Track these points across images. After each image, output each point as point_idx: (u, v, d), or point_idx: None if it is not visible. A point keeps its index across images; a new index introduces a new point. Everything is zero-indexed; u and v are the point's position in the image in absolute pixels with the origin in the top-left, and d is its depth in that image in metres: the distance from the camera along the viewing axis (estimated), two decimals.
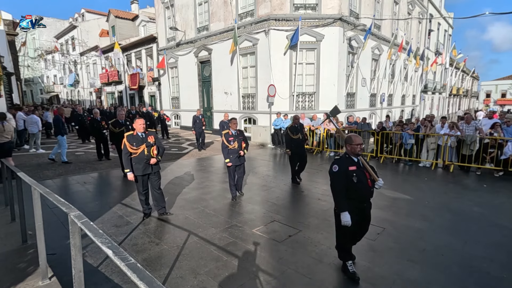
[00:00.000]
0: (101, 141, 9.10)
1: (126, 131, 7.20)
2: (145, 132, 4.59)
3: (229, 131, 5.59)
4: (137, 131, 4.55)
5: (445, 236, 4.24)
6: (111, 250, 1.36)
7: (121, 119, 7.45)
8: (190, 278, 3.18)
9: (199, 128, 11.23)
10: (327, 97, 12.87)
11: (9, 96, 14.31)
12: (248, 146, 5.80)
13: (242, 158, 5.69)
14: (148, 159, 4.52)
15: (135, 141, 4.49)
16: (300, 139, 6.80)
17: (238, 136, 5.60)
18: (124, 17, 27.36)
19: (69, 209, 1.94)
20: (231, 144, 5.50)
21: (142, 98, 23.06)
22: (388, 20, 16.76)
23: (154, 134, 4.73)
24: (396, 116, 19.11)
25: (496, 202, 5.75)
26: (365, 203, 3.16)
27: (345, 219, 2.98)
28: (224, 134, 5.55)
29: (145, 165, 4.53)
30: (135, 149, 4.47)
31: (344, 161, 3.10)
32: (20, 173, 3.32)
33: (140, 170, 4.51)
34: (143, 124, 4.54)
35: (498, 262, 3.55)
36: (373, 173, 3.16)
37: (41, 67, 39.42)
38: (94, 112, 9.57)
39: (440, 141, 8.54)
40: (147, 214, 4.80)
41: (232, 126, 5.63)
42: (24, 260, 3.26)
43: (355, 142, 3.06)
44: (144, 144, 4.50)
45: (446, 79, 30.27)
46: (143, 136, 4.55)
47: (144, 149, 4.49)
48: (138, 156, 4.49)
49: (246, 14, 13.52)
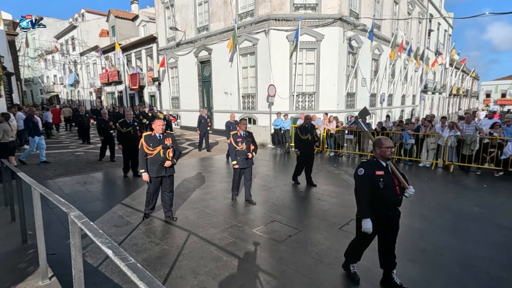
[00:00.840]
0: (108, 142, 8.98)
1: (133, 131, 7.20)
2: (163, 134, 4.54)
3: (238, 132, 5.45)
4: (155, 132, 4.48)
5: (445, 236, 4.24)
6: (111, 250, 1.36)
7: (129, 119, 7.35)
8: (190, 278, 3.18)
9: (203, 129, 10.91)
10: (327, 97, 12.87)
11: (9, 96, 14.31)
12: (256, 148, 5.64)
13: (250, 161, 5.50)
14: (163, 161, 4.45)
15: (152, 142, 4.42)
16: (310, 140, 6.60)
17: (247, 138, 5.44)
18: (124, 17, 27.36)
19: (69, 209, 1.94)
20: (239, 146, 5.35)
21: (142, 98, 23.06)
22: (388, 20, 16.76)
23: (172, 136, 4.66)
24: (396, 116, 19.11)
25: (496, 202, 5.75)
26: (391, 211, 2.94)
27: (366, 226, 2.83)
28: (232, 135, 5.42)
29: (159, 167, 4.45)
30: (151, 150, 4.39)
31: (372, 165, 2.89)
32: (20, 173, 3.32)
33: (154, 171, 4.44)
34: (162, 125, 4.46)
35: (498, 262, 3.55)
36: (403, 180, 2.94)
37: (41, 67, 39.45)
38: (102, 112, 9.42)
39: (440, 141, 8.54)
40: (147, 215, 4.77)
41: (241, 127, 5.45)
42: (24, 260, 3.26)
43: (385, 145, 2.84)
44: (160, 145, 4.43)
45: (446, 79, 30.27)
46: (160, 138, 4.48)
47: (160, 151, 4.42)
48: (154, 158, 4.42)
49: (246, 14, 13.52)
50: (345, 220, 4.79)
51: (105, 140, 8.93)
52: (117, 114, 15.25)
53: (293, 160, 10.06)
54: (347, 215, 5.00)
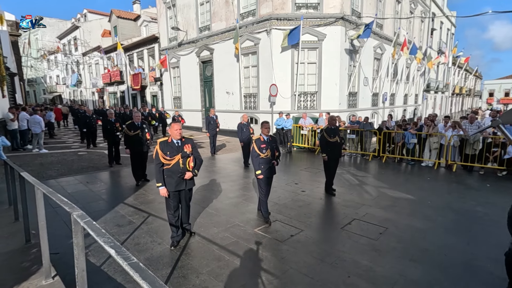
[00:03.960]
0: (113, 144, 8.49)
1: (142, 135, 6.64)
2: (181, 140, 3.78)
3: (261, 136, 4.69)
4: (172, 138, 3.74)
5: (447, 236, 4.22)
6: (114, 250, 1.37)
7: (137, 122, 6.71)
8: (192, 278, 3.19)
9: (213, 130, 10.21)
10: (329, 97, 12.84)
11: (12, 96, 14.41)
12: (280, 155, 4.99)
13: (274, 169, 4.84)
14: (183, 172, 3.73)
15: (169, 149, 3.70)
16: (338, 142, 6.07)
17: (271, 143, 4.71)
18: (126, 17, 27.43)
19: (72, 208, 1.95)
20: (263, 153, 4.60)
21: (144, 98, 23.13)
22: (391, 19, 16.69)
23: (192, 142, 3.91)
24: (399, 115, 19.04)
25: (500, 202, 5.71)
26: None
27: None
28: (255, 141, 4.68)
29: (178, 179, 3.73)
30: (169, 159, 3.68)
31: None
32: (24, 173, 3.34)
33: (172, 185, 3.72)
34: (179, 130, 3.74)
35: (501, 262, 3.52)
36: None
37: (43, 67, 39.66)
38: (108, 113, 8.69)
39: (442, 140, 8.49)
40: (176, 243, 3.84)
41: (263, 131, 4.73)
42: (27, 259, 3.28)
43: None
44: (179, 154, 3.72)
45: (448, 78, 30.11)
46: (178, 144, 3.75)
47: (179, 160, 3.71)
48: (171, 168, 3.70)
49: (247, 14, 13.52)
50: (347, 220, 4.78)
51: (110, 143, 8.48)
52: (122, 115, 14.48)
53: (294, 160, 10.06)
54: (349, 215, 5.00)
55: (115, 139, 8.41)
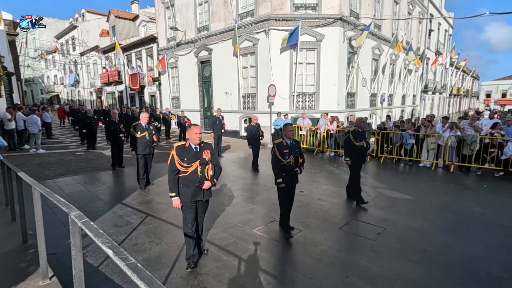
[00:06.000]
0: (116, 147, 8.13)
1: (149, 137, 6.36)
2: (200, 145, 3.37)
3: (283, 140, 4.17)
4: (190, 142, 3.34)
5: (445, 236, 4.24)
6: (112, 250, 1.36)
7: (144, 123, 6.38)
8: (190, 278, 3.18)
9: (218, 131, 9.85)
10: (327, 97, 12.86)
11: (10, 96, 14.35)
12: (304, 161, 4.42)
13: (296, 177, 4.30)
14: (201, 181, 3.33)
15: (187, 155, 3.29)
16: (364, 147, 5.61)
17: (295, 148, 4.21)
18: (124, 17, 27.39)
19: (69, 209, 1.94)
20: (286, 159, 4.10)
21: (142, 98, 23.08)
22: (389, 20, 16.75)
23: (211, 147, 3.47)
24: (397, 116, 19.10)
25: (497, 202, 5.75)
26: None
27: None
28: (276, 145, 4.16)
29: (195, 189, 3.34)
30: (186, 166, 3.28)
31: None
32: (21, 173, 3.32)
33: (188, 195, 3.33)
34: (199, 134, 3.31)
35: (498, 262, 3.54)
36: None
37: (41, 67, 39.52)
38: (112, 113, 8.26)
39: (440, 141, 8.53)
40: (193, 263, 3.38)
41: (287, 134, 4.18)
42: (24, 260, 3.26)
43: None
44: (197, 160, 3.30)
45: (446, 79, 30.23)
46: (197, 150, 3.34)
47: (197, 168, 3.30)
48: (188, 177, 3.30)
49: (246, 14, 13.52)
50: (345, 220, 4.79)
51: (113, 145, 8.11)
52: (124, 115, 14.01)
53: None
54: (347, 215, 5.00)
55: (118, 141, 8.06)
